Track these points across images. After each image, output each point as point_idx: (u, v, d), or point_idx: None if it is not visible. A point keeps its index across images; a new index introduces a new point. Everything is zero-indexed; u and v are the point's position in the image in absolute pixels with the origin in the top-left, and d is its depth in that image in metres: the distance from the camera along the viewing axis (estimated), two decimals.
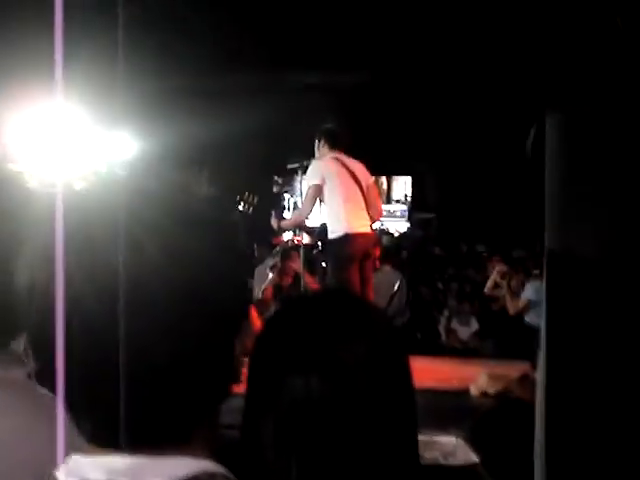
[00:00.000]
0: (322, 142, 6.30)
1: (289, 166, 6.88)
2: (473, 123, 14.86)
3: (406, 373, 1.14)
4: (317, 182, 6.11)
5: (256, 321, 5.94)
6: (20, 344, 1.05)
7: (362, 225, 6.16)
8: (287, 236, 13.54)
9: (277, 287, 7.56)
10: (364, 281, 6.09)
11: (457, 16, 10.26)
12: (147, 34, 10.18)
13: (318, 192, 6.11)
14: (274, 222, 6.63)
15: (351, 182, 6.30)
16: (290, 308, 1.20)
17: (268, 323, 1.16)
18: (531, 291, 8.49)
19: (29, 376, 0.94)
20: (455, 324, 10.04)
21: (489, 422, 3.44)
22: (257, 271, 10.01)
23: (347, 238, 6.02)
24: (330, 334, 1.09)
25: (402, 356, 1.17)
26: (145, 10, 10.49)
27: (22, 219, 0.77)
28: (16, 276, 0.80)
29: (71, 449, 0.78)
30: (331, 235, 6.13)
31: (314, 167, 6.20)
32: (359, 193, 6.30)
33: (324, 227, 6.30)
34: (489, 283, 9.68)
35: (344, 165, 6.23)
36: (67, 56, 0.88)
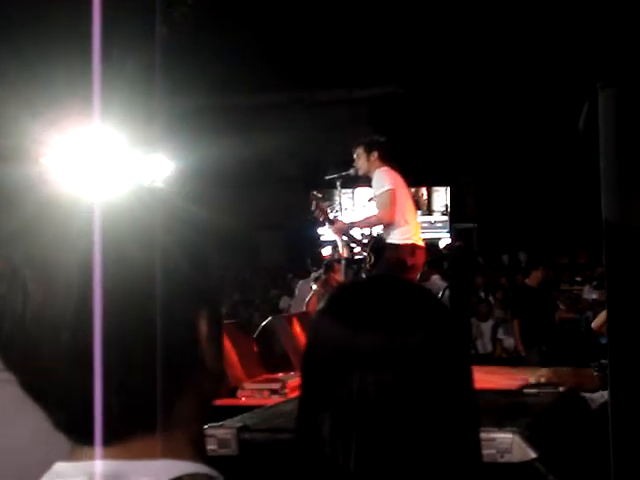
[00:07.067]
0: (374, 153, 6.13)
1: (327, 177, 6.77)
2: (508, 132, 14.76)
3: (467, 363, 1.07)
4: (393, 187, 5.96)
5: (300, 333, 5.92)
6: None
7: (421, 239, 6.15)
8: (327, 251, 13.48)
9: (321, 299, 7.58)
10: None
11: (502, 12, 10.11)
12: (182, 54, 10.27)
13: (395, 197, 5.95)
14: (338, 225, 6.35)
15: (409, 195, 6.30)
16: (342, 296, 1.10)
17: (319, 314, 1.08)
18: None
19: None
20: (501, 334, 9.92)
21: (546, 418, 3.36)
22: (299, 286, 10.06)
23: (412, 249, 5.96)
24: (386, 321, 1.03)
25: (462, 343, 1.09)
26: (182, 29, 10.58)
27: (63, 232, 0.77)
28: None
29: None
30: (392, 240, 5.99)
31: (384, 174, 6.04)
32: (414, 206, 6.32)
33: (379, 238, 6.16)
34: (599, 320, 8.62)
35: (402, 177, 6.17)
36: (105, 78, 0.88)
